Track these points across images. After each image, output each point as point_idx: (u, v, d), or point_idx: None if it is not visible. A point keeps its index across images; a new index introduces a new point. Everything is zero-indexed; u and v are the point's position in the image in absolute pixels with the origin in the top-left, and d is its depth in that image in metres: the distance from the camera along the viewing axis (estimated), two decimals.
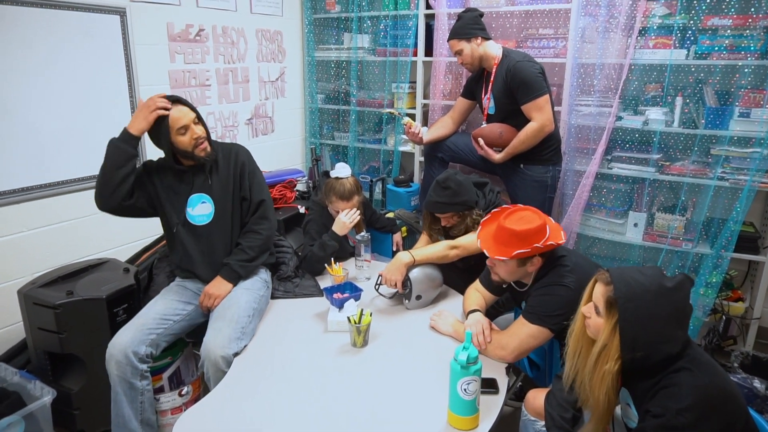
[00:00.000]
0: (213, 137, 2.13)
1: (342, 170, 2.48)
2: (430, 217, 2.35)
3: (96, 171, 2.49)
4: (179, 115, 1.96)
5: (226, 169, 2.13)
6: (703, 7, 2.49)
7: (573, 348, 1.44)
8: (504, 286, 1.97)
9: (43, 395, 1.93)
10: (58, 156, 2.36)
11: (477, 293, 2.07)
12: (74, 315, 2.02)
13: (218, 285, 2.06)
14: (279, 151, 3.66)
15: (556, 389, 1.55)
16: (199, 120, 2.03)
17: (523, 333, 1.74)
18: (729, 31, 2.46)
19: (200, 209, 2.11)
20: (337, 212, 2.47)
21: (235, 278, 2.08)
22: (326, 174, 2.72)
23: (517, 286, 1.92)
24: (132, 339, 1.86)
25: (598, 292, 1.35)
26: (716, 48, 2.49)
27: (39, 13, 2.22)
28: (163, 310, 2.00)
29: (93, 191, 2.47)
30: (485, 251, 1.81)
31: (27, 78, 2.22)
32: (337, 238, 2.39)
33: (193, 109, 2.02)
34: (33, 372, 2.16)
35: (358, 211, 2.44)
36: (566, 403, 1.49)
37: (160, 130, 1.95)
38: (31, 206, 2.30)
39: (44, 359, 2.12)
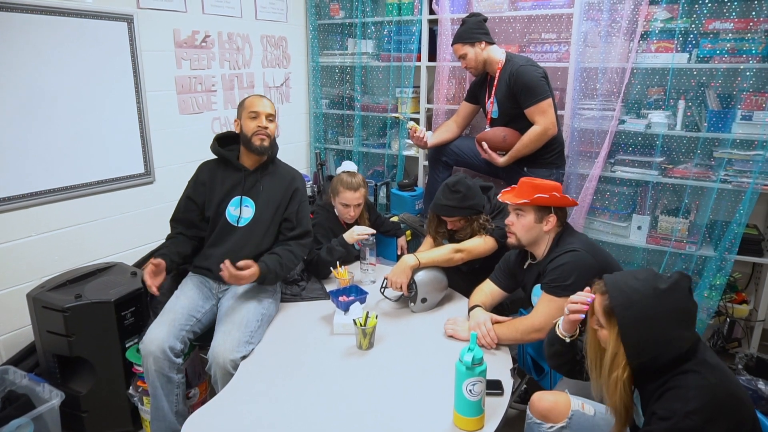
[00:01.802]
0: None
1: (349, 166, 2.59)
2: (436, 220, 2.37)
3: (102, 176, 2.55)
4: (258, 102, 2.17)
5: (281, 185, 2.21)
6: (705, 11, 2.51)
7: (591, 358, 1.44)
8: (524, 266, 2.00)
9: (52, 398, 1.96)
10: (65, 161, 2.39)
11: (482, 291, 2.10)
12: (83, 318, 2.05)
13: (252, 274, 1.96)
14: (284, 156, 3.60)
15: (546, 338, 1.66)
16: (274, 121, 2.20)
17: (552, 308, 1.78)
18: (730, 34, 2.48)
19: (242, 211, 2.16)
20: (343, 205, 2.50)
21: (262, 279, 2.02)
22: (330, 178, 2.76)
23: (531, 259, 1.99)
24: (167, 334, 1.88)
25: (597, 302, 1.37)
26: (718, 51, 2.50)
27: (47, 21, 2.25)
28: (189, 305, 2.03)
29: (100, 195, 2.54)
30: (507, 201, 1.95)
31: (36, 84, 2.24)
32: (345, 245, 2.42)
33: (275, 112, 2.22)
34: (42, 375, 2.19)
35: (373, 234, 2.44)
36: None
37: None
38: (39, 211, 2.32)
39: (53, 362, 2.14)
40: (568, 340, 1.55)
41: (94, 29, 2.42)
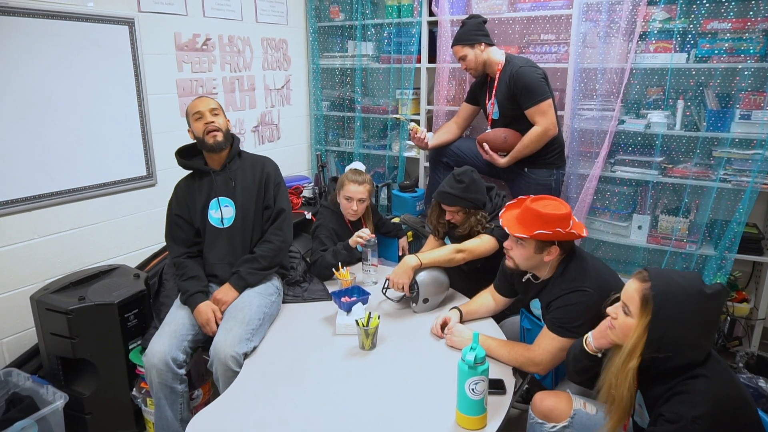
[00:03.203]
0: None
1: (358, 165, 2.65)
2: (438, 209, 2.38)
3: (104, 179, 2.56)
4: (199, 102, 2.15)
5: (252, 176, 2.22)
6: (703, 11, 2.53)
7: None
8: (522, 279, 1.95)
9: (56, 400, 1.96)
10: (68, 164, 2.40)
11: (481, 297, 2.12)
12: (86, 320, 2.06)
13: (226, 291, 2.10)
14: (285, 158, 3.68)
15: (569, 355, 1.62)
16: (220, 114, 2.16)
17: (554, 347, 1.73)
18: (728, 34, 2.49)
19: (223, 212, 2.18)
20: (346, 199, 2.53)
21: (242, 286, 2.12)
22: (333, 179, 2.78)
23: (533, 279, 1.92)
24: (169, 346, 1.90)
25: (632, 288, 1.34)
26: (716, 51, 2.52)
27: (49, 24, 2.26)
28: (190, 315, 2.05)
29: (103, 198, 2.55)
30: (506, 228, 1.81)
31: (38, 87, 2.26)
32: (349, 249, 2.44)
33: (219, 105, 2.20)
34: (45, 377, 2.19)
35: (375, 237, 2.45)
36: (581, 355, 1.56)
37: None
38: (42, 214, 2.33)
39: (56, 364, 2.15)
40: (600, 355, 1.49)
41: (96, 33, 2.43)
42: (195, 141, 2.18)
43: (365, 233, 2.41)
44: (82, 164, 2.46)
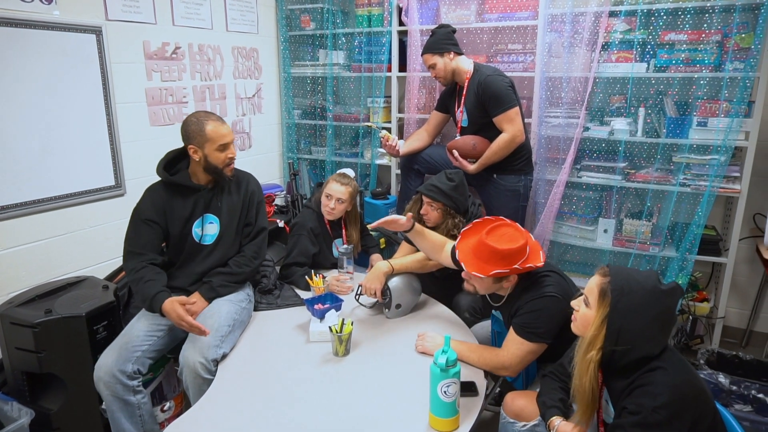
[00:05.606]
0: None
1: (348, 171, 2.70)
2: (419, 203, 2.37)
3: (72, 189, 2.51)
4: (225, 132, 2.08)
5: (237, 193, 2.21)
6: (661, 24, 2.64)
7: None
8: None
9: (21, 416, 1.91)
10: (34, 174, 2.35)
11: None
12: (53, 333, 2.01)
13: (193, 301, 2.07)
14: (257, 167, 3.67)
15: (543, 384, 1.63)
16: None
17: (522, 351, 1.75)
18: (685, 45, 2.60)
19: (207, 229, 2.16)
20: (326, 196, 2.54)
21: (212, 297, 2.11)
22: (319, 184, 2.82)
23: (492, 299, 1.95)
24: (117, 359, 1.87)
25: (593, 282, 1.42)
26: (674, 61, 2.63)
27: (14, 33, 2.22)
28: (147, 326, 2.01)
29: (70, 209, 2.50)
30: (462, 264, 1.80)
31: (2, 96, 2.21)
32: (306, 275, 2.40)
33: None
34: (10, 393, 2.13)
35: (351, 246, 2.50)
36: (555, 390, 1.59)
37: (203, 137, 2.03)
38: (7, 225, 2.28)
39: (22, 379, 2.09)
40: None
41: (62, 41, 2.40)
42: (196, 159, 2.08)
43: (342, 288, 2.39)
44: (49, 174, 2.41)
